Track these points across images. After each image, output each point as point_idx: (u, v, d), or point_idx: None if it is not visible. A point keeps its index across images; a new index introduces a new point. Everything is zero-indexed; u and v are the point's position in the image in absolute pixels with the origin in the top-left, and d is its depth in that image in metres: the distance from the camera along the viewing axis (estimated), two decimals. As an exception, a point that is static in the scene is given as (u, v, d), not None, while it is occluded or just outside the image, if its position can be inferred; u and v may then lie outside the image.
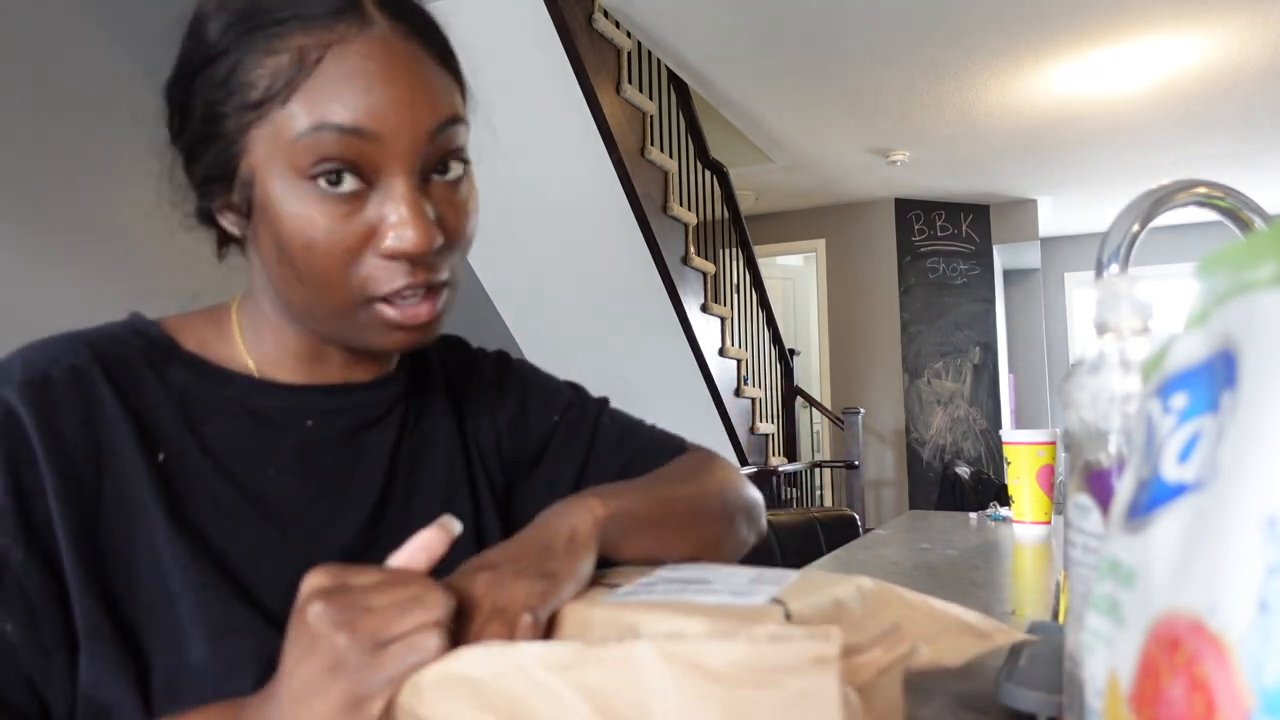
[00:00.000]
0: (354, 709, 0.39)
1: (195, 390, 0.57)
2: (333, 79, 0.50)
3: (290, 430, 0.59)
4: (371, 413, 0.63)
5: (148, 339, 0.58)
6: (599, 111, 3.20)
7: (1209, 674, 0.20)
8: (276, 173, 0.51)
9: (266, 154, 0.51)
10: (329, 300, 0.53)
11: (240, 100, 0.51)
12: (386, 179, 0.52)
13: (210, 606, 0.51)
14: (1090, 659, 0.29)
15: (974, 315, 6.01)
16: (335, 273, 0.52)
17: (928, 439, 5.94)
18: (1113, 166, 5.24)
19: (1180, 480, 0.25)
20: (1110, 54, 3.67)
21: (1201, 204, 0.78)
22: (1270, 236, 0.23)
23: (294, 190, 0.51)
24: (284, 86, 0.50)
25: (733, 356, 4.33)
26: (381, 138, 0.51)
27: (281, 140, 0.51)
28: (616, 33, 3.34)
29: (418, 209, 0.52)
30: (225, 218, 0.56)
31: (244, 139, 0.52)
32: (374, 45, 0.51)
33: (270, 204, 0.52)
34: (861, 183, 5.66)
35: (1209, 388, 0.25)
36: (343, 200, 0.51)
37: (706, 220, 4.41)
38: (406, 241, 0.52)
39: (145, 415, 0.54)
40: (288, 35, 0.50)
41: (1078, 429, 0.37)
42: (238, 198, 0.54)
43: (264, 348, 0.60)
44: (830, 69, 3.86)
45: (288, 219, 0.52)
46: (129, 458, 0.52)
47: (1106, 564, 0.28)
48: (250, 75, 0.51)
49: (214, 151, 0.53)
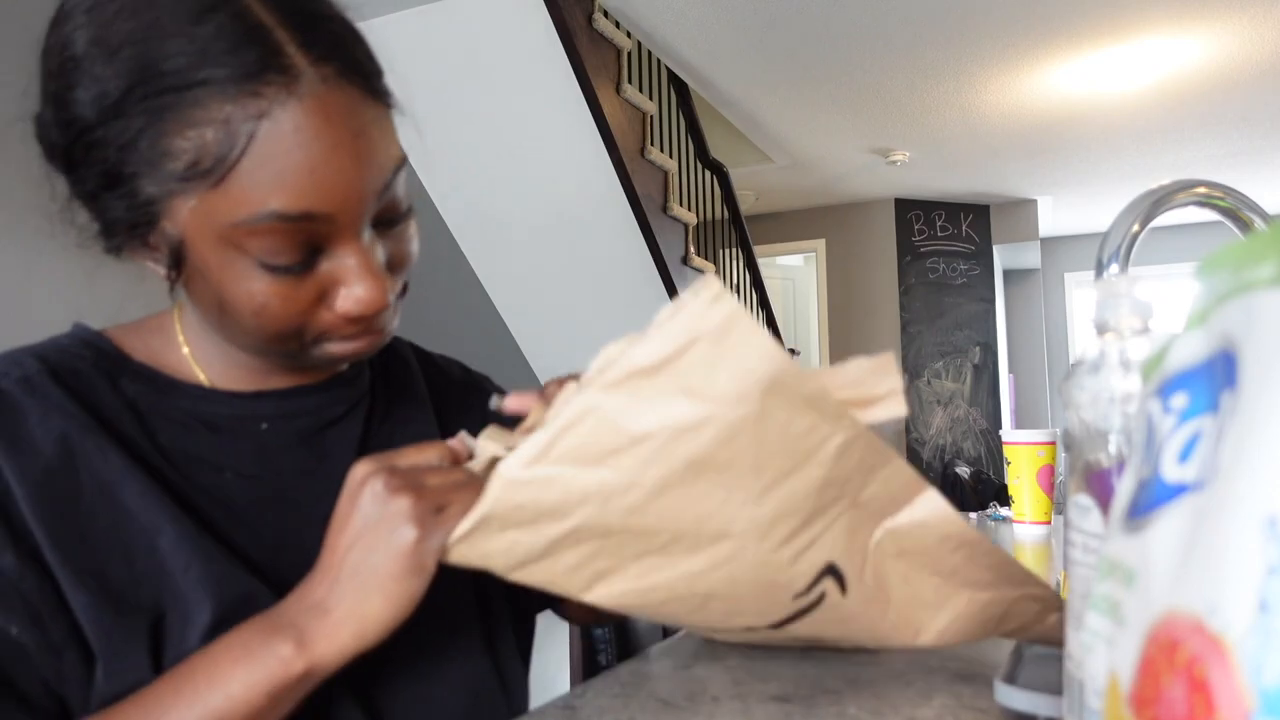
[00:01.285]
0: (418, 569, 0.45)
1: (148, 401, 0.56)
2: (269, 159, 0.45)
3: (245, 436, 0.58)
4: (331, 412, 0.62)
5: (97, 350, 0.57)
6: (599, 111, 3.20)
7: (1209, 674, 0.20)
8: (211, 245, 0.48)
9: (198, 227, 0.48)
10: (276, 348, 0.54)
11: (159, 170, 0.46)
12: (335, 247, 0.50)
13: (216, 572, 0.51)
14: (1090, 659, 0.29)
15: (974, 315, 6.01)
16: (286, 330, 0.52)
17: (928, 439, 5.94)
18: (1113, 166, 5.24)
19: (1180, 480, 0.25)
20: (1110, 54, 3.67)
21: (1201, 204, 0.78)
22: (1270, 236, 0.23)
23: (235, 265, 0.48)
24: (213, 166, 0.45)
25: (733, 356, 4.32)
26: (331, 215, 0.48)
27: (216, 221, 0.47)
28: (616, 33, 3.34)
29: (371, 271, 0.51)
30: (142, 256, 0.52)
31: (166, 204, 0.48)
32: (307, 109, 0.46)
33: (208, 270, 0.49)
34: (861, 183, 5.66)
35: (1209, 388, 0.25)
36: (292, 275, 0.49)
37: (706, 220, 4.41)
38: (363, 305, 0.51)
39: (104, 419, 0.54)
40: (207, 103, 0.45)
41: (1078, 429, 0.37)
42: (160, 248, 0.51)
43: (212, 359, 0.59)
44: (830, 69, 3.86)
45: (230, 289, 0.49)
46: (101, 450, 0.52)
47: (1106, 564, 0.28)
48: (166, 145, 0.46)
49: (122, 205, 0.49)
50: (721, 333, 0.39)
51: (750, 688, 0.55)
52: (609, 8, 3.29)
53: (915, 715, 0.50)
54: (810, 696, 0.53)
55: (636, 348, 0.40)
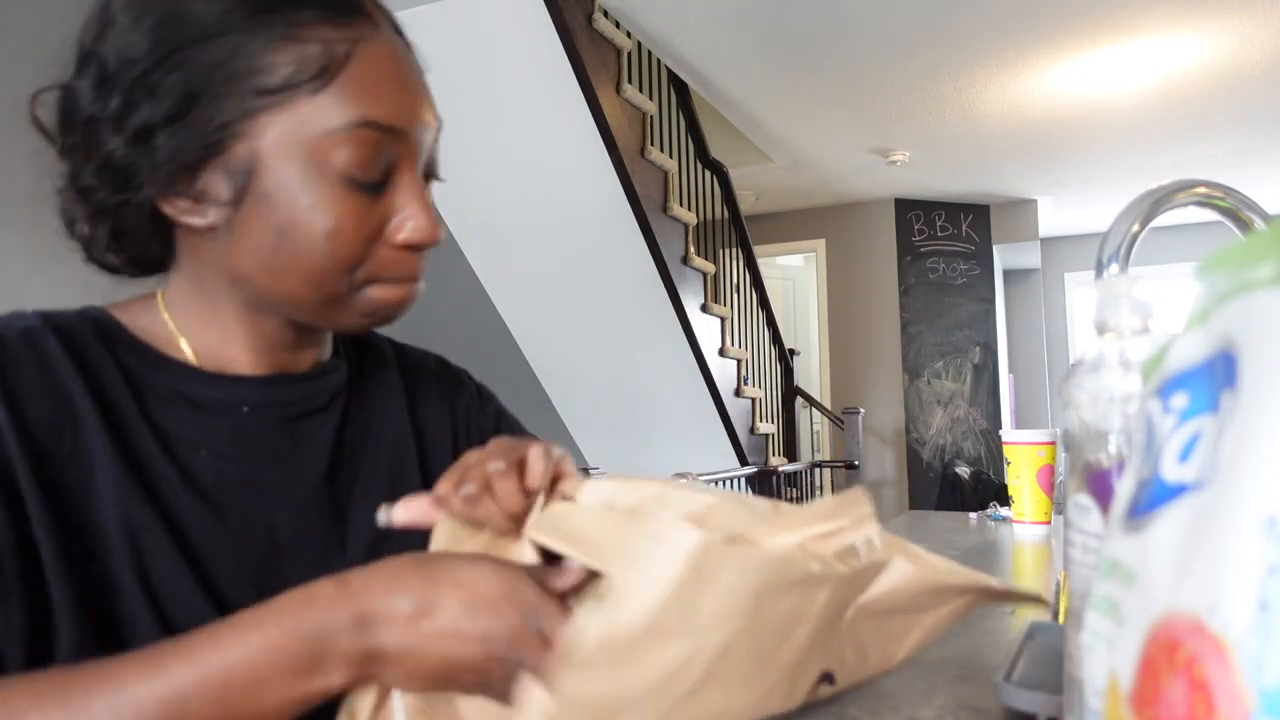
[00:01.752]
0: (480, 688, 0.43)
1: (139, 371, 0.57)
2: (364, 76, 0.52)
3: (225, 417, 0.58)
4: (313, 403, 0.62)
5: (96, 321, 0.58)
6: (599, 111, 3.20)
7: (1209, 674, 0.20)
8: (294, 161, 0.51)
9: (281, 142, 0.51)
10: (324, 287, 0.54)
11: (248, 85, 0.50)
12: (400, 175, 0.55)
13: (147, 566, 0.51)
14: (1090, 659, 0.29)
15: (974, 315, 6.00)
16: (349, 259, 0.54)
17: (928, 439, 5.94)
18: (1113, 166, 5.24)
19: (1180, 480, 0.25)
20: (1110, 54, 3.67)
21: (1201, 204, 0.78)
22: (1270, 236, 0.23)
23: (315, 180, 0.51)
24: (316, 75, 0.50)
25: (733, 356, 4.33)
26: (408, 137, 0.54)
27: (309, 130, 0.51)
28: (616, 33, 3.34)
29: (427, 204, 0.55)
30: (174, 205, 0.53)
31: (247, 124, 0.50)
32: (390, 47, 0.54)
33: (279, 191, 0.51)
34: (861, 183, 5.66)
35: (1209, 388, 0.25)
36: (367, 193, 0.53)
37: (706, 220, 4.41)
38: (422, 233, 0.55)
39: (97, 383, 0.54)
40: (309, 25, 0.51)
41: (1078, 429, 0.37)
42: (214, 184, 0.52)
43: (202, 337, 0.59)
44: (830, 69, 3.86)
45: (305, 210, 0.52)
46: (85, 411, 0.52)
47: (1106, 564, 0.28)
48: (263, 60, 0.50)
49: (187, 134, 0.50)
50: (696, 569, 0.39)
51: (750, 688, 0.55)
52: (609, 8, 3.29)
53: (915, 715, 0.50)
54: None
55: (618, 611, 0.40)
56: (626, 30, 3.47)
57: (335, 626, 0.42)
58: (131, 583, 0.51)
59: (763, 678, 0.43)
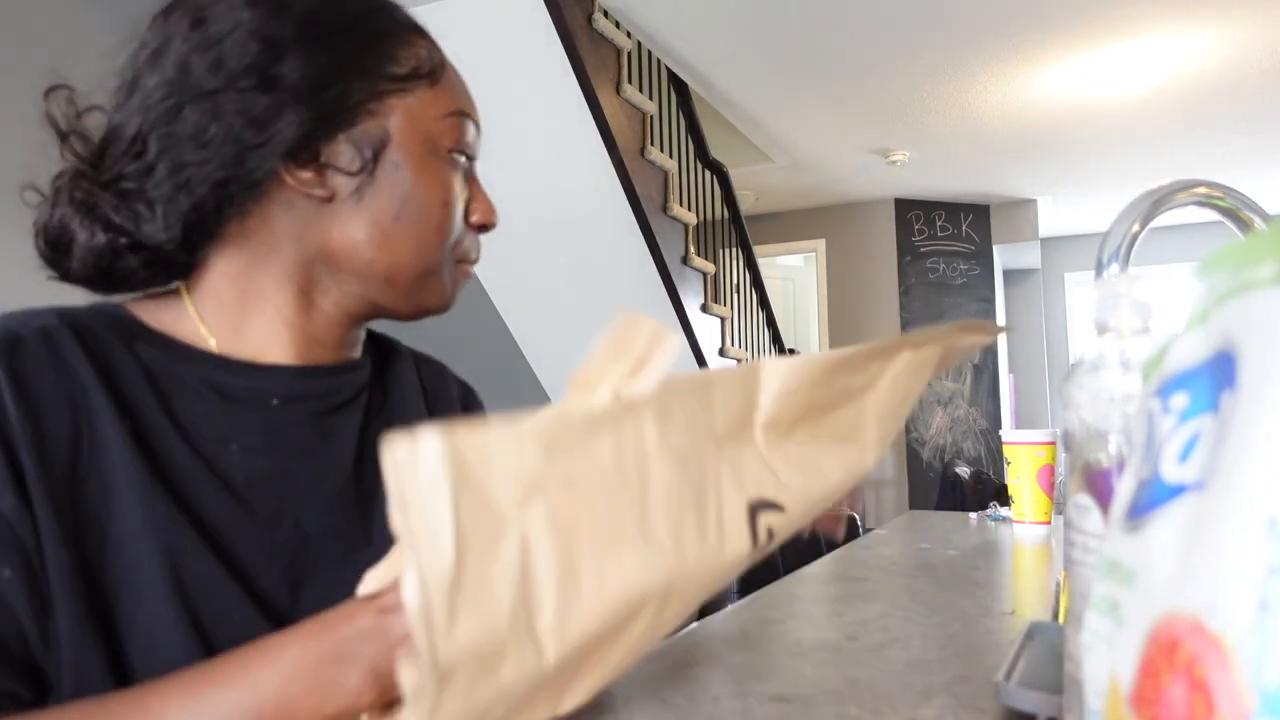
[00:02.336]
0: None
1: (162, 365, 0.57)
2: (456, 80, 0.64)
3: (255, 409, 0.59)
4: (339, 397, 0.63)
5: (114, 317, 0.58)
6: (599, 111, 3.20)
7: (1209, 674, 0.20)
8: (418, 140, 0.59)
9: (407, 122, 0.59)
10: (429, 257, 0.61)
11: (383, 70, 0.58)
12: (472, 167, 0.65)
13: (179, 565, 0.51)
14: (1090, 659, 0.29)
15: (974, 315, 6.00)
16: (452, 230, 0.62)
17: (928, 439, 5.94)
18: (1113, 166, 5.24)
19: (1180, 480, 0.25)
20: (1110, 54, 3.67)
21: (1201, 204, 0.78)
22: (1270, 236, 0.23)
23: (434, 159, 0.60)
24: (432, 71, 0.61)
25: (733, 356, 4.33)
26: (479, 136, 0.65)
27: (428, 114, 0.60)
28: (616, 33, 3.34)
29: (485, 192, 0.66)
30: (297, 177, 0.56)
31: (379, 103, 0.58)
32: (454, 68, 0.65)
33: (405, 165, 0.59)
34: (861, 183, 5.66)
35: (1209, 388, 0.25)
36: (461, 175, 0.62)
37: (706, 220, 4.41)
38: (490, 215, 0.65)
39: (116, 382, 0.54)
40: (417, 35, 0.62)
41: (1078, 429, 0.37)
42: (340, 155, 0.57)
43: (233, 330, 0.59)
44: (830, 69, 3.86)
45: (427, 182, 0.60)
46: (104, 417, 0.52)
47: (1106, 564, 0.28)
48: (394, 52, 0.59)
49: (326, 105, 0.56)
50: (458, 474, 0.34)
51: (750, 688, 0.55)
52: (609, 8, 3.29)
53: (915, 715, 0.50)
54: (810, 696, 0.53)
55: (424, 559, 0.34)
56: (626, 30, 3.47)
57: (359, 639, 0.43)
58: (161, 587, 0.50)
59: (646, 532, 0.38)
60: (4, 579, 0.47)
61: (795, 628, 0.73)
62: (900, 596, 0.85)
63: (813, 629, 0.72)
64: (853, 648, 0.65)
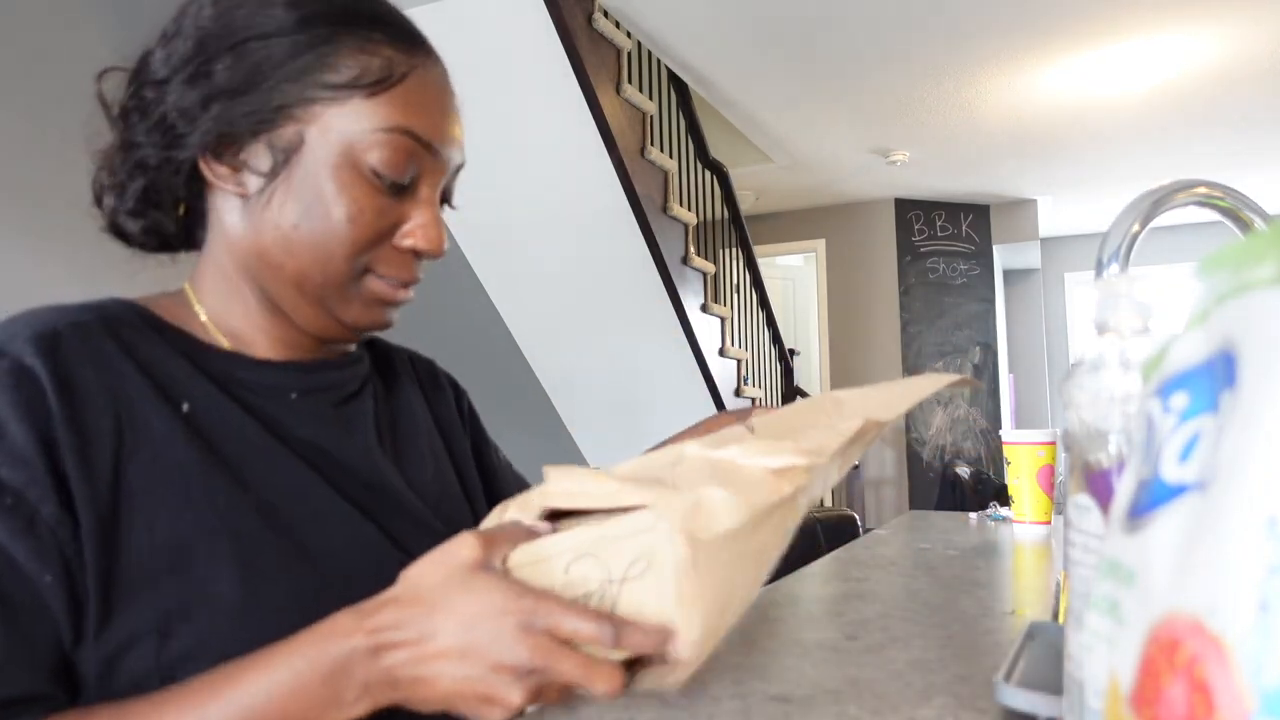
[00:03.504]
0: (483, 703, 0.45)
1: (194, 360, 0.59)
2: (415, 94, 0.59)
3: (277, 402, 0.61)
4: (349, 388, 0.66)
5: (138, 312, 0.60)
6: (599, 111, 3.19)
7: (1209, 674, 0.20)
8: (335, 150, 0.57)
9: (329, 131, 0.57)
10: (335, 268, 0.58)
11: (315, 78, 0.57)
12: (421, 188, 0.61)
13: (245, 545, 0.52)
14: (1090, 659, 0.29)
15: (974, 315, 6.00)
16: (357, 248, 0.58)
17: (928, 439, 5.94)
18: (1112, 166, 5.24)
19: (1180, 480, 0.25)
20: (1110, 54, 3.67)
21: (1201, 204, 0.78)
22: (1270, 236, 0.23)
23: (349, 172, 0.57)
24: (373, 84, 0.57)
25: (733, 356, 4.33)
26: (439, 157, 0.61)
27: (356, 126, 0.57)
28: (616, 33, 3.34)
29: (440, 220, 0.62)
30: (214, 169, 0.59)
31: (305, 109, 0.57)
32: (441, 78, 0.62)
33: (315, 174, 0.57)
34: (861, 183, 5.66)
35: (1209, 388, 0.25)
36: (387, 193, 0.58)
37: (706, 220, 4.41)
38: (429, 242, 0.60)
39: (156, 369, 0.56)
40: (378, 43, 0.58)
41: (1078, 429, 0.37)
42: (257, 155, 0.57)
43: (234, 328, 0.62)
44: (831, 69, 3.86)
45: (334, 193, 0.57)
46: (151, 408, 0.54)
47: (1106, 564, 0.28)
48: (335, 60, 0.57)
49: (249, 105, 0.57)
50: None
51: (750, 687, 0.55)
52: (609, 8, 3.28)
53: (915, 715, 0.50)
54: (810, 696, 0.53)
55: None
56: (626, 30, 3.47)
57: (354, 657, 0.45)
58: (227, 570, 0.51)
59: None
60: (45, 585, 0.47)
61: (795, 628, 0.73)
62: (900, 596, 0.85)
63: (813, 629, 0.72)
64: (853, 648, 0.65)
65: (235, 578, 0.51)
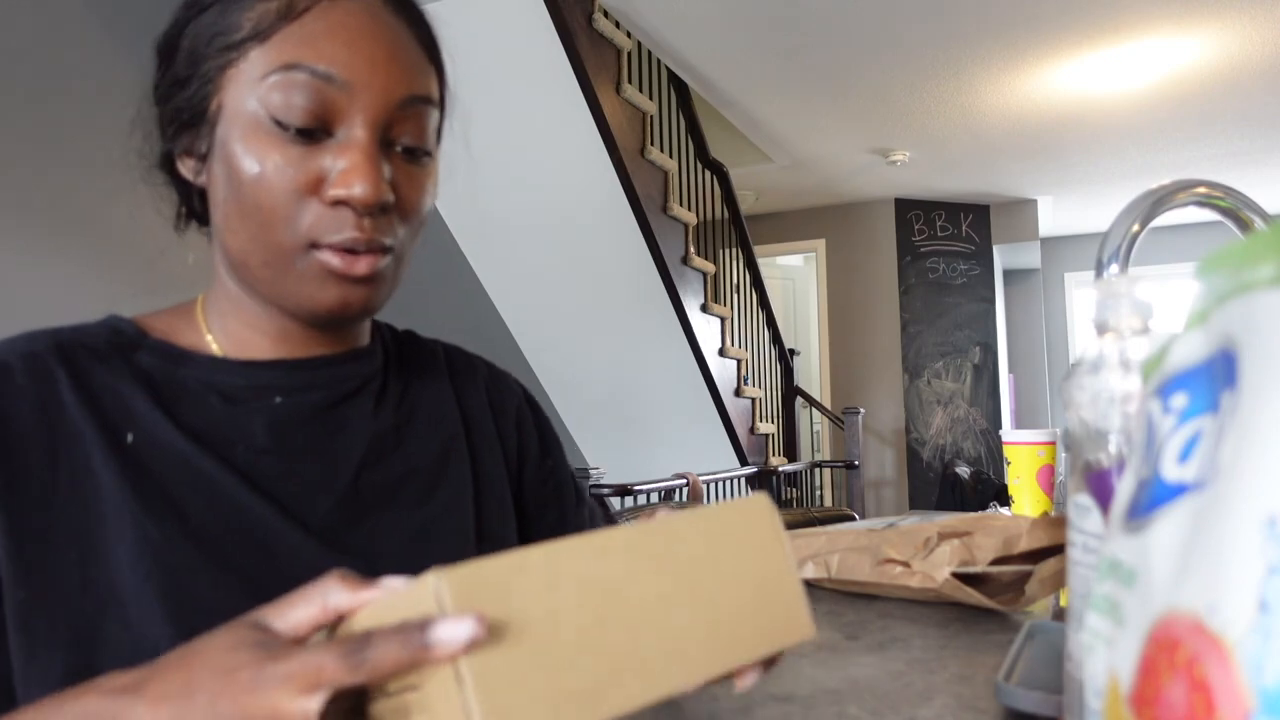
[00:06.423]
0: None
1: (162, 373, 0.57)
2: (314, 26, 0.53)
3: (260, 409, 0.58)
4: (345, 386, 0.62)
5: (116, 330, 0.58)
6: (599, 111, 3.20)
7: (1209, 674, 0.20)
8: (241, 109, 0.53)
9: (236, 92, 0.53)
10: (269, 240, 0.53)
11: (222, 42, 0.53)
12: (346, 129, 0.53)
13: (179, 580, 0.50)
14: (1090, 659, 0.29)
15: (974, 315, 6.00)
16: (279, 211, 0.53)
17: (928, 439, 5.94)
18: (1113, 166, 5.24)
19: (1180, 480, 0.25)
20: (1110, 54, 3.67)
21: (1201, 204, 0.78)
22: (1270, 236, 0.23)
23: (253, 126, 0.53)
24: (266, 28, 0.52)
25: (733, 356, 4.33)
26: (352, 88, 0.53)
27: (253, 77, 0.53)
28: (616, 33, 3.34)
29: (371, 160, 0.53)
30: (185, 164, 0.58)
31: (219, 78, 0.54)
32: (361, 11, 0.54)
33: (228, 140, 0.54)
34: (861, 183, 5.66)
35: (1209, 388, 0.25)
36: (296, 142, 0.52)
37: (706, 220, 4.41)
38: (353, 189, 0.52)
39: (108, 399, 0.54)
40: None
41: (1078, 429, 0.37)
42: (202, 140, 0.56)
43: (229, 328, 0.60)
44: (831, 69, 3.86)
45: (240, 154, 0.53)
46: (89, 443, 0.52)
47: (1106, 564, 0.28)
48: (236, 19, 0.53)
49: (187, 94, 0.55)
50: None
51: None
52: (609, 8, 3.29)
53: (915, 715, 0.50)
54: (810, 696, 0.53)
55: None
56: (626, 30, 3.47)
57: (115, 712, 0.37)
58: (159, 610, 0.50)
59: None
60: None
61: (795, 628, 0.73)
62: (900, 596, 0.85)
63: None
64: (852, 648, 0.65)
65: (166, 614, 0.50)
